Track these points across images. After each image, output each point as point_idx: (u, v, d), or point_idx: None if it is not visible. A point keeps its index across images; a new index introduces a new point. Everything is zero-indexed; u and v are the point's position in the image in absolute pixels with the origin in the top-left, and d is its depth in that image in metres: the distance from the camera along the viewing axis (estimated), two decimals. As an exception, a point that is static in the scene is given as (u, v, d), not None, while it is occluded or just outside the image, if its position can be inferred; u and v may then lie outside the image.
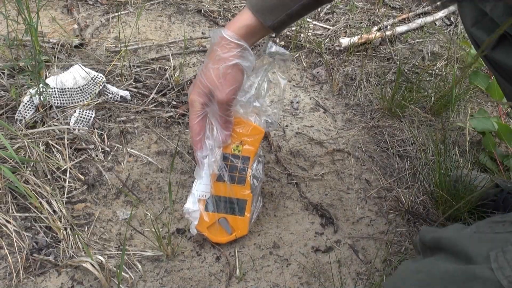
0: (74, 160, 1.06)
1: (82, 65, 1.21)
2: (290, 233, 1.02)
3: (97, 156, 1.09)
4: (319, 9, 1.63)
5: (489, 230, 0.65)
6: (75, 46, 1.33)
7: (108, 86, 1.21)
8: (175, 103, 1.23)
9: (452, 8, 1.69)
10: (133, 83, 1.26)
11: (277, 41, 1.47)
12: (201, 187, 0.96)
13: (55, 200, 0.98)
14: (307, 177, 1.13)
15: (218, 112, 0.92)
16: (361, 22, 1.60)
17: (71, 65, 1.21)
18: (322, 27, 1.58)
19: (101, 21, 1.44)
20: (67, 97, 1.15)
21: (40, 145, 1.05)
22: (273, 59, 0.97)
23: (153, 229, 0.95)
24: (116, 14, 1.47)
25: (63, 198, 1.00)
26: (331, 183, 1.13)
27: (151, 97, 1.23)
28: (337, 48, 1.47)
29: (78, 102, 1.16)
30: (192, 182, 0.98)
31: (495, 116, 1.30)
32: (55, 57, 1.27)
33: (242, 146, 0.97)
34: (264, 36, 0.93)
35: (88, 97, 1.17)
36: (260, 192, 1.00)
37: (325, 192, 1.11)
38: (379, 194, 1.12)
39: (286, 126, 1.24)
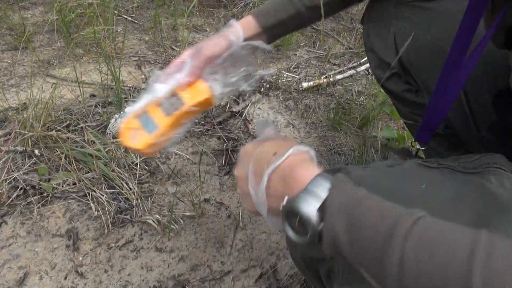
0: (142, 157, 1.06)
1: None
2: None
3: (156, 155, 1.09)
4: (289, 64, 1.63)
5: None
6: (143, 89, 1.33)
7: (162, 112, 1.21)
8: (203, 122, 1.22)
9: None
10: (178, 111, 1.26)
11: (264, 83, 1.47)
12: (142, 102, 0.69)
13: (131, 181, 0.97)
14: (283, 167, 1.13)
15: (194, 63, 0.68)
16: (315, 73, 1.60)
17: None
18: (291, 76, 1.58)
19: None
20: (138, 119, 1.15)
21: (121, 148, 1.05)
22: (251, 50, 0.73)
23: (190, 199, 0.95)
24: (167, 69, 1.47)
25: (136, 180, 1.00)
26: (297, 170, 1.13)
27: (188, 119, 1.23)
28: (301, 89, 1.47)
29: (144, 122, 1.16)
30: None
31: (395, 129, 1.30)
32: (130, 95, 1.27)
33: (186, 95, 0.67)
34: (259, 34, 0.73)
35: (150, 119, 1.17)
36: (179, 136, 0.70)
37: (294, 175, 1.11)
38: (326, 177, 1.12)
39: (270, 136, 1.24)
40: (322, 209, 0.37)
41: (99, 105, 1.19)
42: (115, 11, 1.75)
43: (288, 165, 0.42)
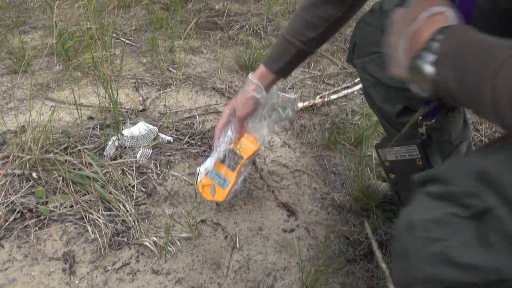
0: (139, 179, 1.07)
1: (144, 121, 1.22)
2: (269, 221, 1.03)
3: (153, 176, 1.10)
4: (284, 85, 1.66)
5: None
6: (140, 110, 1.35)
7: (160, 134, 1.22)
8: (199, 144, 1.24)
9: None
10: (175, 132, 1.27)
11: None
12: (209, 162, 0.96)
13: (127, 203, 0.98)
14: (279, 187, 1.14)
15: (235, 122, 0.92)
16: (310, 93, 1.63)
17: (137, 122, 1.22)
18: (287, 96, 1.60)
19: (155, 95, 1.47)
20: (135, 141, 1.16)
21: (118, 170, 1.06)
22: (278, 100, 0.93)
23: (186, 220, 0.96)
24: (164, 91, 1.49)
25: (132, 202, 1.00)
26: (293, 190, 1.14)
27: (185, 140, 1.24)
28: (296, 109, 1.49)
29: (141, 144, 1.17)
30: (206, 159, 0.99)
31: (390, 148, 1.32)
32: (128, 117, 1.29)
33: (241, 149, 0.94)
34: (276, 78, 0.88)
35: (147, 141, 1.18)
36: (241, 181, 0.97)
37: (290, 195, 1.12)
38: (322, 196, 1.13)
39: (266, 156, 1.25)
40: (436, 61, 0.41)
41: (97, 127, 1.21)
42: (113, 34, 1.79)
43: (418, 29, 0.45)
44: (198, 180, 0.96)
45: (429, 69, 0.41)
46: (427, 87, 0.43)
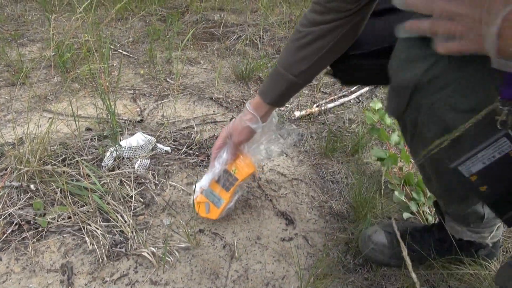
0: (137, 190, 1.07)
1: (142, 132, 1.23)
2: (267, 230, 1.03)
3: (151, 187, 1.10)
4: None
5: None
6: (138, 121, 1.36)
7: (158, 144, 1.23)
8: (197, 153, 1.25)
9: (360, 91, 1.73)
10: (172, 142, 1.28)
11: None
12: (205, 181, 0.99)
13: (126, 214, 0.99)
14: (277, 195, 1.15)
15: (231, 145, 0.94)
16: (307, 102, 1.64)
17: (135, 133, 1.23)
18: (284, 105, 1.62)
19: (153, 106, 1.48)
20: (133, 152, 1.17)
21: (116, 181, 1.06)
22: (276, 129, 0.96)
23: (185, 230, 0.96)
24: (162, 101, 1.50)
25: (131, 213, 1.01)
26: (291, 199, 1.14)
27: (182, 150, 1.25)
28: (293, 118, 1.50)
29: (139, 154, 1.18)
30: (202, 176, 1.02)
31: (386, 150, 1.32)
32: (125, 128, 1.30)
33: (236, 171, 0.97)
34: (271, 108, 0.89)
35: (145, 152, 1.19)
36: (234, 201, 1.00)
37: (288, 204, 1.12)
38: (320, 204, 1.13)
39: (264, 165, 1.26)
40: None
41: (95, 138, 1.21)
42: (111, 46, 1.81)
43: None
44: (194, 197, 0.99)
45: None
46: None
